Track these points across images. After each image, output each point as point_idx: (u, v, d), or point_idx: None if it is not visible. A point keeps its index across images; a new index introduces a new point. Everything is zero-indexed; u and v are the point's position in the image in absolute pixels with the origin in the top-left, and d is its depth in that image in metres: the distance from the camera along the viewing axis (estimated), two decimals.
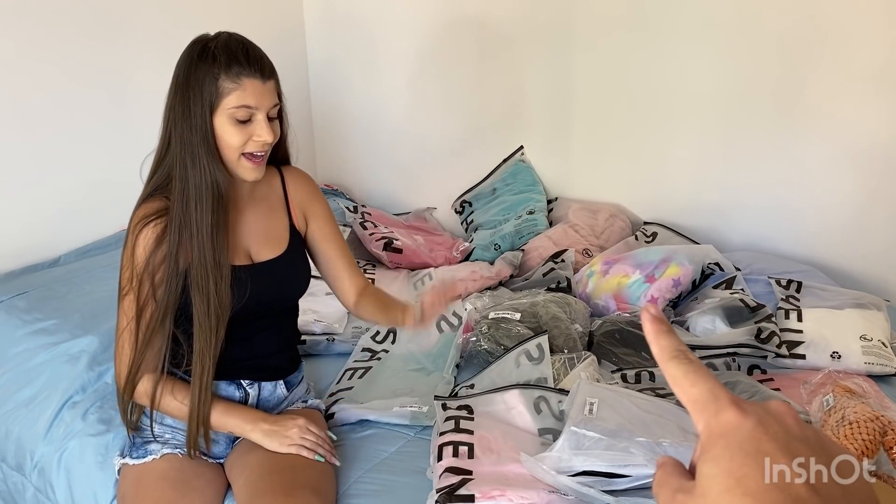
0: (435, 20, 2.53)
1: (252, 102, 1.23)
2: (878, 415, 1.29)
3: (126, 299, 1.27)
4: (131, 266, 1.26)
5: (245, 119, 1.24)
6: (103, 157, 2.23)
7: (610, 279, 1.99)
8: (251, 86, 1.23)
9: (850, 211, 2.05)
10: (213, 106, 1.22)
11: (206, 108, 1.22)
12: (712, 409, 0.39)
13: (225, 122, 1.23)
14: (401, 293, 2.14)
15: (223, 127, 1.23)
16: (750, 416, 0.38)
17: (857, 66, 1.92)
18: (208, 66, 1.21)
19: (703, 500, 0.37)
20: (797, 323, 1.78)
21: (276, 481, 1.27)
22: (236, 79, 1.22)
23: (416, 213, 2.74)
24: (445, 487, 1.26)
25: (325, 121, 2.93)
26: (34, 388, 1.67)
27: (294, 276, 1.44)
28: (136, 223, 1.26)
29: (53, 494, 1.54)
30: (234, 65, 1.21)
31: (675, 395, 0.41)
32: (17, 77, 2.04)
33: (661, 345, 0.42)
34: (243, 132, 1.24)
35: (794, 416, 0.39)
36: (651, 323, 0.43)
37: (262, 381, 1.43)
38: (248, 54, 1.23)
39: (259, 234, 1.38)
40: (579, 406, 1.35)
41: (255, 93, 1.23)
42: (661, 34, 2.16)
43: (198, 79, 1.21)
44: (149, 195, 1.29)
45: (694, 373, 0.40)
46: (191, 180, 1.24)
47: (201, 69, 1.22)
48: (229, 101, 1.22)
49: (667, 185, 2.32)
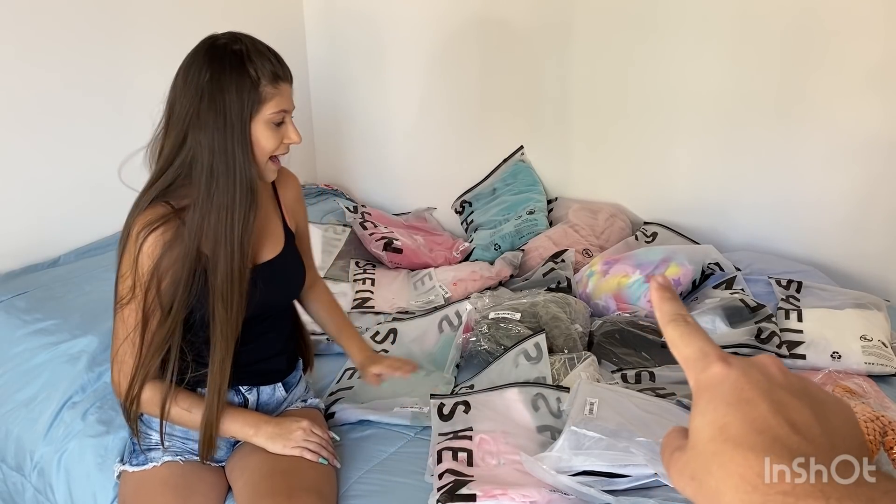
0: (435, 20, 2.53)
1: (287, 107, 1.26)
2: (878, 415, 1.29)
3: (127, 308, 1.23)
4: (133, 274, 1.22)
5: (279, 123, 1.25)
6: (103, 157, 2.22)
7: (610, 279, 1.99)
8: (286, 90, 1.25)
9: (851, 211, 2.05)
10: (253, 111, 1.22)
11: (245, 114, 1.20)
12: (701, 365, 0.41)
13: (263, 127, 1.23)
14: (400, 293, 2.14)
15: (261, 132, 1.23)
16: (734, 369, 0.39)
17: (857, 66, 1.92)
18: (244, 72, 1.19)
19: (693, 452, 0.38)
20: (797, 323, 1.78)
21: (277, 483, 1.27)
22: (276, 84, 1.22)
23: (416, 213, 2.74)
24: (447, 486, 1.26)
25: (325, 121, 2.93)
26: (34, 389, 1.67)
27: (293, 275, 1.44)
28: (140, 230, 1.21)
29: (53, 495, 1.54)
30: (272, 71, 1.22)
31: (674, 356, 0.42)
32: (18, 78, 2.04)
33: (662, 310, 0.44)
34: (277, 136, 1.25)
35: (778, 366, 0.40)
36: (657, 290, 0.44)
37: (261, 385, 1.42)
38: (279, 59, 1.25)
39: (258, 236, 1.38)
40: (579, 406, 1.35)
41: (288, 97, 1.26)
42: (661, 34, 2.16)
43: (233, 84, 1.19)
44: (152, 200, 1.24)
45: (689, 334, 0.42)
46: (222, 187, 1.21)
47: (235, 75, 1.19)
48: (270, 106, 1.22)
49: (667, 185, 2.32)
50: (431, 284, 2.13)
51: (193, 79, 1.20)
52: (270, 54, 1.24)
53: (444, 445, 1.37)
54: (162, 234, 1.22)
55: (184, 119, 1.21)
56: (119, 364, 1.28)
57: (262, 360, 1.41)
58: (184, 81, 1.21)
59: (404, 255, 2.31)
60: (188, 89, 1.20)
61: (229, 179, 1.21)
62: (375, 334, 1.88)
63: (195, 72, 1.20)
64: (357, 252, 2.36)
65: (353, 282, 2.18)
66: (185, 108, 1.20)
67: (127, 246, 1.23)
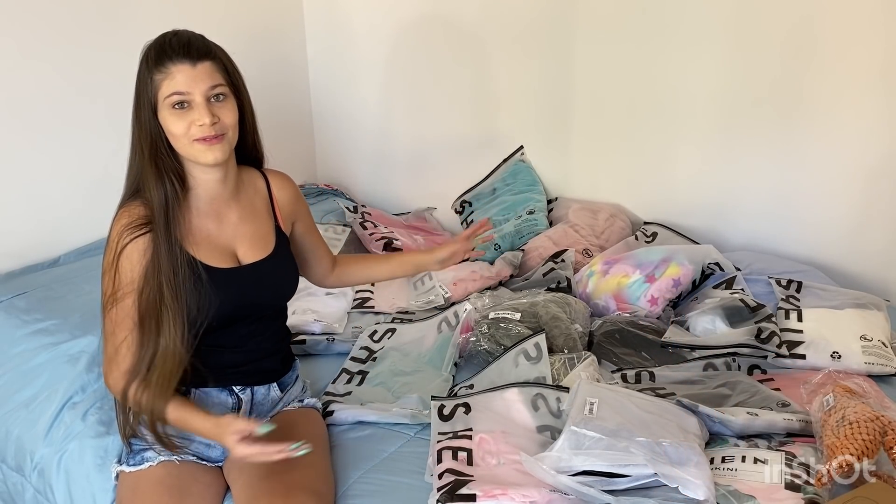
0: (436, 20, 2.53)
1: (183, 88, 1.21)
2: (878, 415, 1.29)
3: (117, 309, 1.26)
4: (113, 273, 1.26)
5: (181, 105, 1.23)
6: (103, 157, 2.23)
7: (610, 279, 1.99)
8: (179, 72, 1.22)
9: (850, 211, 2.05)
10: (154, 103, 1.23)
11: (149, 109, 1.24)
12: None
13: (166, 114, 1.23)
14: (400, 293, 2.14)
15: (166, 119, 1.24)
16: None
17: (858, 67, 1.92)
18: (144, 67, 1.24)
19: None
20: (797, 323, 1.77)
21: (275, 483, 1.26)
22: (163, 68, 1.22)
23: (416, 213, 2.74)
24: (447, 485, 1.26)
25: (325, 121, 2.93)
26: (34, 389, 1.67)
27: (283, 277, 1.44)
28: (121, 232, 1.26)
29: (53, 496, 1.54)
30: (160, 56, 1.22)
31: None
32: (18, 78, 2.04)
33: None
34: (184, 119, 1.23)
35: None
36: None
37: (255, 385, 1.42)
38: (172, 43, 1.23)
39: (245, 236, 1.38)
40: (579, 406, 1.35)
41: (185, 78, 1.21)
42: (662, 34, 2.16)
43: (140, 82, 1.24)
44: (128, 199, 1.30)
45: None
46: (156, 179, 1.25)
47: (141, 72, 1.24)
48: (162, 92, 1.22)
49: (667, 185, 2.32)
50: (431, 284, 2.13)
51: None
52: (169, 41, 1.24)
53: (444, 445, 1.37)
54: (141, 242, 1.26)
55: (132, 119, 1.28)
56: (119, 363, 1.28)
57: (254, 360, 1.41)
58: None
59: None
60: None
61: (160, 171, 1.25)
62: (373, 333, 1.88)
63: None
64: (357, 252, 2.36)
65: None
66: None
67: (108, 244, 1.28)
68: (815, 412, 1.39)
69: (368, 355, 1.80)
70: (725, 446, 1.38)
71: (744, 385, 1.57)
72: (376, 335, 1.87)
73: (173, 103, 1.22)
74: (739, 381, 1.59)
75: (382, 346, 1.84)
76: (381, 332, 1.88)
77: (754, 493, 1.23)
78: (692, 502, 1.22)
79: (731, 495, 1.23)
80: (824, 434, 1.30)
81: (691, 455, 1.27)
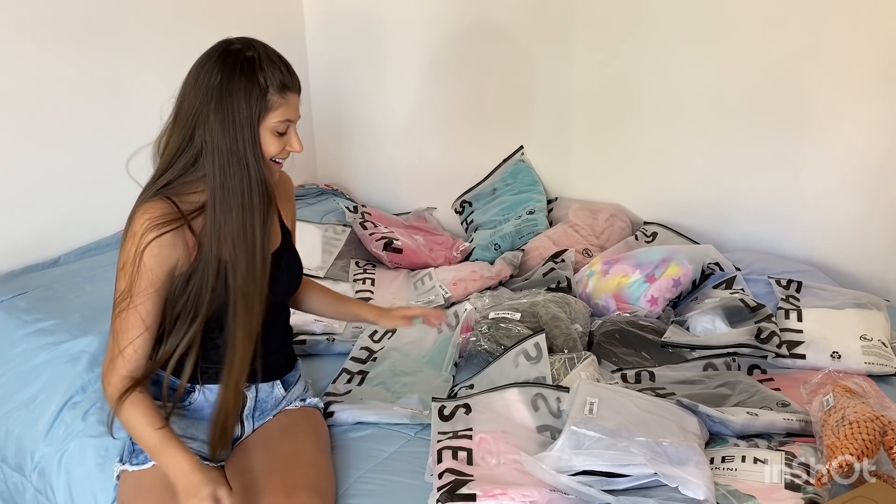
0: (435, 20, 2.53)
1: (293, 116, 1.28)
2: (878, 415, 1.29)
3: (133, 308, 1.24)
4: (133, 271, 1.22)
5: (284, 131, 1.28)
6: (103, 157, 2.23)
7: (610, 279, 1.99)
8: (293, 101, 1.27)
9: (851, 210, 2.05)
10: (260, 118, 1.24)
11: (253, 119, 1.23)
12: None
13: (267, 134, 1.26)
14: (400, 293, 2.14)
15: (265, 138, 1.26)
16: None
17: (858, 68, 1.92)
18: (254, 79, 1.22)
19: None
20: (797, 323, 1.78)
21: (276, 481, 1.27)
22: (283, 94, 1.24)
23: (416, 213, 2.74)
24: (447, 485, 1.26)
25: (325, 121, 2.93)
26: (34, 389, 1.67)
27: (290, 270, 1.45)
28: (144, 226, 1.22)
29: (53, 496, 1.54)
30: (281, 81, 1.24)
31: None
32: (18, 78, 2.04)
33: None
34: (280, 142, 1.28)
35: None
36: None
37: (260, 382, 1.42)
38: (289, 69, 1.27)
39: None
40: (579, 406, 1.35)
41: (295, 107, 1.28)
42: (662, 34, 2.16)
43: (242, 90, 1.21)
44: (157, 191, 1.26)
45: None
46: (237, 189, 1.24)
47: (245, 81, 1.22)
48: (275, 115, 1.25)
49: (667, 185, 2.32)
50: (431, 284, 2.13)
51: (204, 80, 1.22)
52: (282, 64, 1.26)
53: (444, 445, 1.37)
54: (168, 239, 1.23)
55: (191, 117, 1.23)
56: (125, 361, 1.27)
57: (260, 356, 1.41)
58: (194, 81, 1.24)
59: (404, 255, 2.31)
60: (198, 89, 1.23)
61: (244, 181, 1.24)
62: (373, 333, 1.88)
63: (206, 73, 1.23)
64: (357, 252, 2.36)
65: (353, 282, 2.18)
66: (194, 106, 1.23)
67: (128, 239, 1.24)
68: (814, 412, 1.39)
69: (369, 355, 1.80)
70: (725, 446, 1.38)
71: (744, 385, 1.57)
72: (376, 335, 1.87)
73: (281, 129, 1.26)
74: (739, 380, 1.59)
75: (383, 346, 1.84)
76: (382, 333, 1.88)
77: (754, 493, 1.23)
78: (692, 502, 1.22)
79: (731, 495, 1.23)
80: (824, 434, 1.30)
81: (691, 455, 1.27)
